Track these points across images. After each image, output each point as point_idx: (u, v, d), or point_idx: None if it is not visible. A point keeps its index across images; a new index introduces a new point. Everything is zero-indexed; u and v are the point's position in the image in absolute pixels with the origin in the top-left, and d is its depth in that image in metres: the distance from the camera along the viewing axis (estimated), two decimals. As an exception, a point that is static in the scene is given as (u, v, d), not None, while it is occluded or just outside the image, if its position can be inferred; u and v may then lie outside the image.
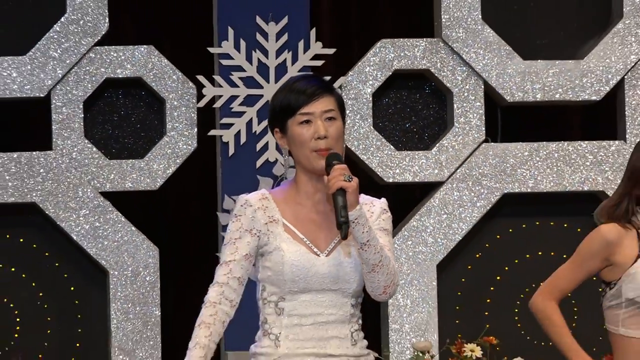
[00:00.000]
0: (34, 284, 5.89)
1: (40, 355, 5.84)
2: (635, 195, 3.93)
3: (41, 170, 5.78)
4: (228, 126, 5.83)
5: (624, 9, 5.96)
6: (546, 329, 4.11)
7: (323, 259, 3.33)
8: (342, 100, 3.37)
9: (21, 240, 5.88)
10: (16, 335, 5.87)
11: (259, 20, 5.84)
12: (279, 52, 5.90)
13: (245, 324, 3.95)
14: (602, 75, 6.00)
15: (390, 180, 5.86)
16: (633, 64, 5.97)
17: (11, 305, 5.87)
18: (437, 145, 5.93)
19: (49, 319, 5.86)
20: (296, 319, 3.33)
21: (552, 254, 6.08)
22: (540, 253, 6.07)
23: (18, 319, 5.88)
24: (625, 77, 5.95)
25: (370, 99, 5.92)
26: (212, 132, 5.84)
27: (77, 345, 5.90)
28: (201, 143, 5.86)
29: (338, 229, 3.27)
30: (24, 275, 5.89)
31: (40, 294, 5.89)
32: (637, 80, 6.04)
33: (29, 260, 5.90)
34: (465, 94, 5.95)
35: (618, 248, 3.95)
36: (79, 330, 5.88)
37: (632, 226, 3.93)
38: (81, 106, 5.81)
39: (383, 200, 3.42)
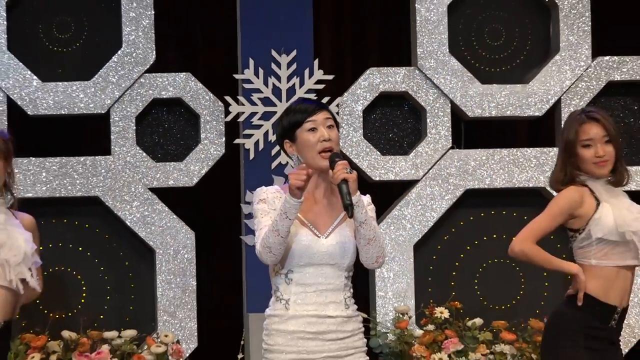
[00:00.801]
0: (96, 260, 6.04)
1: (101, 316, 5.98)
2: (572, 163, 4.28)
3: (102, 171, 5.94)
4: (249, 136, 5.98)
5: (561, 44, 6.10)
6: (537, 261, 4.37)
7: (323, 240, 3.67)
8: (334, 114, 3.74)
9: (86, 225, 6.04)
10: (82, 301, 6.02)
11: (273, 53, 5.99)
12: (289, 78, 6.01)
13: (263, 290, 4.19)
14: (543, 96, 6.11)
15: (377, 179, 6.02)
16: (567, 88, 6.08)
17: (78, 277, 6.02)
18: (414, 151, 6.07)
19: (108, 287, 6.03)
20: (301, 287, 3.68)
21: (504, 237, 6.15)
22: (494, 236, 6.27)
23: (84, 288, 6.03)
24: (562, 97, 6.10)
25: (361, 114, 6.05)
26: (237, 141, 6.00)
27: (130, 308, 6.06)
28: (228, 149, 6.02)
29: (345, 210, 3.56)
30: (88, 254, 6.04)
31: (102, 268, 6.04)
32: (570, 100, 6.12)
33: (92, 241, 6.07)
34: (436, 111, 6.08)
35: (581, 204, 4.25)
36: (132, 297, 6.04)
37: (582, 185, 4.26)
38: (134, 120, 5.95)
39: (368, 196, 3.76)
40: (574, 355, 4.26)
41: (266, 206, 3.73)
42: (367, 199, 3.78)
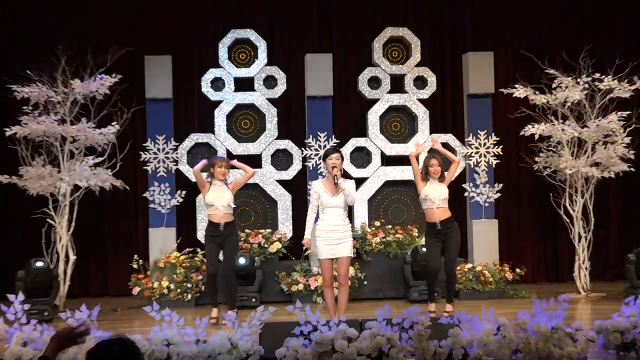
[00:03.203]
0: (256, 204, 9.91)
1: (258, 224, 9.83)
2: (426, 173, 6.99)
3: (259, 174, 9.79)
4: (309, 162, 9.67)
5: (419, 130, 9.90)
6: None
7: (334, 198, 6.45)
8: (342, 154, 6.64)
9: (253, 192, 9.97)
10: (252, 219, 9.90)
11: (319, 133, 9.63)
12: (324, 141, 9.67)
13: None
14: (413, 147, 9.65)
15: (354, 177, 9.52)
16: (425, 141, 9.61)
17: (250, 211, 9.93)
18: (367, 167, 9.84)
19: (261, 215, 9.95)
20: (327, 215, 6.56)
21: (400, 197, 10.02)
22: (396, 197, 10.07)
23: (252, 215, 9.98)
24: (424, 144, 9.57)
25: (349, 154, 9.76)
26: (306, 164, 9.76)
27: (269, 222, 9.94)
28: (302, 167, 9.87)
29: (335, 186, 6.40)
30: (254, 202, 9.96)
31: (258, 208, 9.98)
32: (425, 146, 9.51)
33: (254, 197, 9.85)
34: (373, 152, 9.78)
35: (424, 184, 6.82)
36: (269, 215, 9.96)
37: (426, 180, 7.10)
38: (270, 156, 9.77)
39: (353, 180, 6.55)
40: (429, 240, 6.94)
41: (312, 191, 6.21)
42: (351, 181, 6.20)
